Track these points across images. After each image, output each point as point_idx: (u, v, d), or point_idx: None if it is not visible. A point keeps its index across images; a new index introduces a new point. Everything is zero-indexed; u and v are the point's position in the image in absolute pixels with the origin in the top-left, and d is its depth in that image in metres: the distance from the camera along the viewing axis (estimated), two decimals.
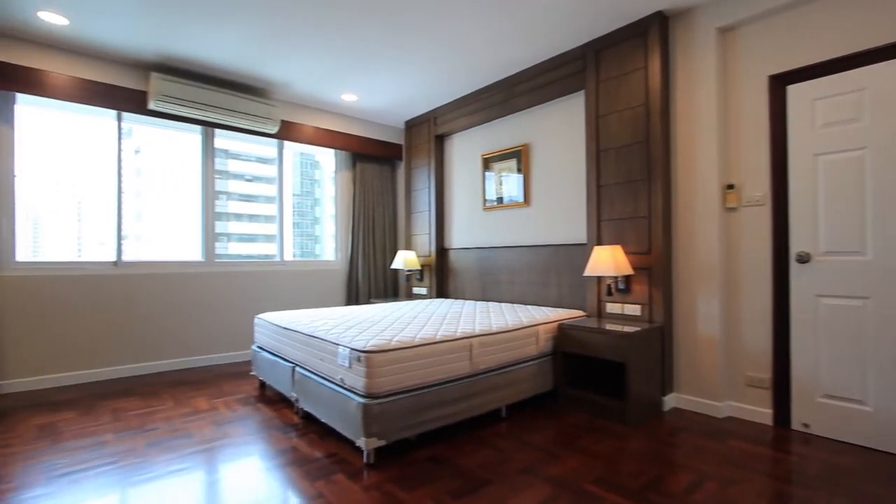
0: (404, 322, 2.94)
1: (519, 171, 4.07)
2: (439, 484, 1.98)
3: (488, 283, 4.37)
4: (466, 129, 4.63)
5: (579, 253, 3.56)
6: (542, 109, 3.91)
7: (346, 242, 5.28)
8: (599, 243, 3.29)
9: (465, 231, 4.69)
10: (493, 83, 4.17)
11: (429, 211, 4.99)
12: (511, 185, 4.16)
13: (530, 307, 3.68)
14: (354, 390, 2.25)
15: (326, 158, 5.66)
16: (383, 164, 5.47)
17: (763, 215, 2.71)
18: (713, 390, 2.83)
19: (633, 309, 3.09)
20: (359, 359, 2.21)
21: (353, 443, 2.40)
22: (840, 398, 2.43)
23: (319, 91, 4.37)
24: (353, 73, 3.93)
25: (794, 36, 2.58)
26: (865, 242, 2.35)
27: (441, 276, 4.91)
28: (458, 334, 2.57)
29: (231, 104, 3.97)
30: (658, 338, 2.90)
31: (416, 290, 5.18)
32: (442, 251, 4.93)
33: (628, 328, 2.78)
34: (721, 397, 2.80)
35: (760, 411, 2.70)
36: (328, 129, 4.94)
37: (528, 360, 2.94)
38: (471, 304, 3.96)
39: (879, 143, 2.31)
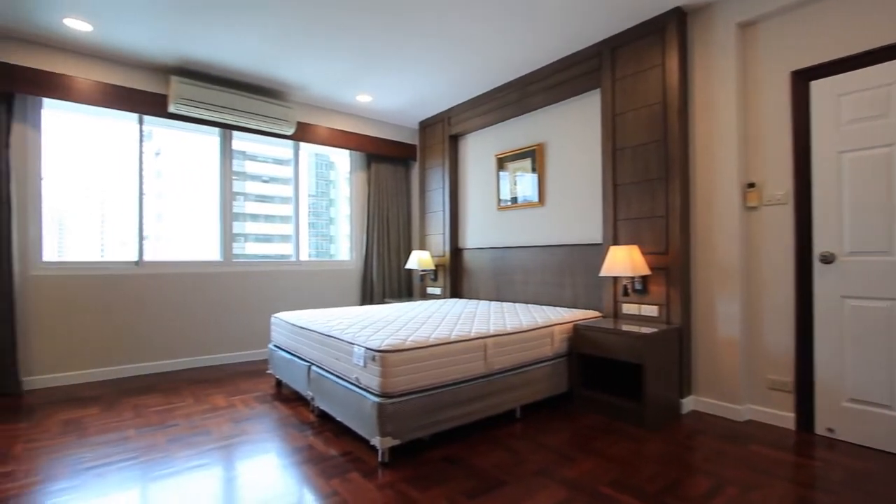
0: (419, 322, 2.95)
1: (533, 170, 4.05)
2: (454, 484, 1.98)
3: (502, 283, 4.35)
4: (480, 128, 4.62)
5: (595, 253, 3.52)
6: (556, 108, 3.88)
7: (361, 242, 5.31)
8: (616, 243, 3.25)
9: (480, 231, 4.68)
10: (507, 82, 4.15)
11: (443, 211, 5.00)
12: (525, 185, 4.14)
13: (545, 307, 3.66)
14: (369, 389, 2.26)
15: (341, 159, 5.71)
16: (398, 165, 5.49)
17: (785, 214, 2.65)
18: (733, 393, 2.77)
19: (651, 310, 3.05)
20: (374, 358, 2.22)
21: (367, 442, 2.42)
22: (866, 402, 2.36)
23: (335, 92, 4.41)
24: (368, 74, 3.96)
25: (818, 30, 2.51)
26: (893, 242, 2.28)
27: (455, 276, 4.91)
28: (473, 334, 2.57)
29: (248, 106, 4.04)
30: (676, 339, 2.86)
31: (430, 290, 5.19)
32: (456, 251, 4.93)
33: (645, 329, 2.74)
34: (741, 400, 2.74)
35: (782, 415, 2.64)
36: (343, 130, 4.98)
37: (543, 361, 2.93)
38: (485, 305, 3.95)
39: None
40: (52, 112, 3.64)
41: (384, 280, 5.28)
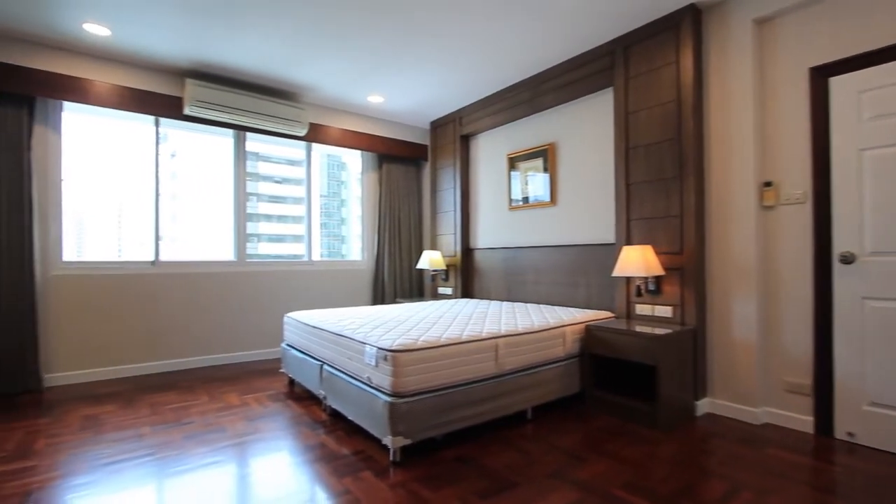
0: (430, 322, 2.95)
1: (545, 170, 4.03)
2: (465, 484, 1.97)
3: (514, 283, 4.33)
4: (492, 128, 4.61)
5: (607, 253, 3.49)
6: (568, 107, 3.85)
7: (373, 243, 5.34)
8: (629, 243, 3.22)
9: (491, 231, 4.67)
10: (518, 82, 4.14)
11: (454, 211, 5.00)
12: (537, 185, 4.12)
13: (557, 308, 3.63)
14: (381, 389, 2.27)
15: (353, 160, 5.74)
16: (409, 165, 5.50)
17: (803, 214, 2.59)
18: (749, 395, 2.72)
19: (664, 310, 3.01)
20: (385, 358, 2.23)
21: (379, 441, 2.43)
22: (889, 406, 2.30)
23: (346, 93, 4.44)
24: (379, 74, 3.98)
25: (837, 25, 2.45)
26: None
27: (466, 276, 4.90)
28: (484, 334, 2.57)
29: (261, 108, 4.08)
30: (690, 340, 2.82)
31: (441, 289, 5.20)
32: (467, 251, 4.92)
33: (659, 330, 2.71)
34: (758, 403, 2.69)
35: (801, 418, 2.59)
36: (355, 130, 5.01)
37: (555, 362, 2.91)
38: (496, 305, 3.94)
39: None
40: (72, 115, 3.72)
41: (395, 280, 5.30)
